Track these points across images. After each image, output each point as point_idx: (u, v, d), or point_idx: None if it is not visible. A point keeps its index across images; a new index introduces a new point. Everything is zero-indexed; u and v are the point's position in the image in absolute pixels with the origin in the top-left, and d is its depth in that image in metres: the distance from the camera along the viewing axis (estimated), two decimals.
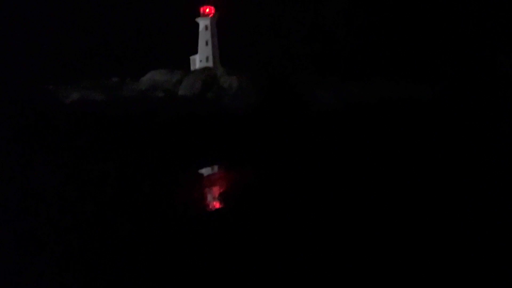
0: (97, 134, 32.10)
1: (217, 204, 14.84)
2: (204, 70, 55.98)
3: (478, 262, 8.91)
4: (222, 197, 15.76)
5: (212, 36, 59.20)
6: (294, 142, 30.72)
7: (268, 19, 56.20)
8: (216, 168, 22.41)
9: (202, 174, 20.75)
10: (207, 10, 59.45)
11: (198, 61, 60.18)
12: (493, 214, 12.04)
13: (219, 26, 60.83)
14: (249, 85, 47.59)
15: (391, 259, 9.28)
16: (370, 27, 51.37)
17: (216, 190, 16.78)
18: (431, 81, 45.91)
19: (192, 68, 60.45)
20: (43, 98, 34.08)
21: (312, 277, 8.61)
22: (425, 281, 8.30)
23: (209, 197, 15.85)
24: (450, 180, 16.62)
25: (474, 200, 13.47)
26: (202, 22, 59.30)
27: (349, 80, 47.22)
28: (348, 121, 37.54)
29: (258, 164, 23.04)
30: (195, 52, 60.73)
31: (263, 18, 56.11)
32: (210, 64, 58.50)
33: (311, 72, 49.93)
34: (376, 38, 51.00)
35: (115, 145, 29.00)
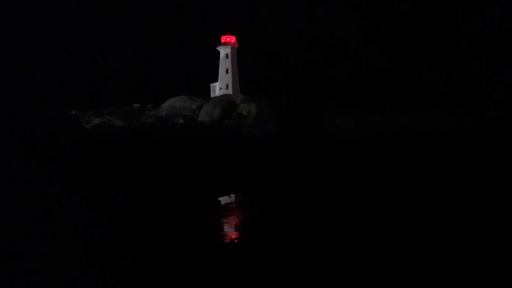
0: (116, 158, 32.29)
1: (233, 235, 14.35)
2: (223, 97, 56.45)
3: None
4: (239, 228, 15.31)
5: (232, 64, 60.14)
6: (313, 170, 30.25)
7: (288, 48, 56.73)
8: (233, 196, 22.01)
9: (219, 202, 20.36)
10: (228, 39, 60.61)
11: (218, 89, 60.95)
12: None
13: (239, 54, 61.83)
14: (268, 112, 47.51)
15: None
16: (394, 57, 51.16)
17: (233, 220, 16.31)
18: (456, 113, 45.02)
19: (212, 95, 61.16)
20: (65, 122, 34.63)
21: None
22: None
23: (226, 227, 15.37)
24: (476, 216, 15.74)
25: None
26: (223, 51, 60.40)
27: (372, 110, 46.69)
28: (369, 151, 36.83)
29: (276, 192, 22.64)
30: (215, 79, 61.61)
31: (283, 47, 56.68)
32: (229, 91, 59.14)
33: (333, 101, 49.65)
34: (400, 69, 50.67)
35: (133, 169, 29.05)
